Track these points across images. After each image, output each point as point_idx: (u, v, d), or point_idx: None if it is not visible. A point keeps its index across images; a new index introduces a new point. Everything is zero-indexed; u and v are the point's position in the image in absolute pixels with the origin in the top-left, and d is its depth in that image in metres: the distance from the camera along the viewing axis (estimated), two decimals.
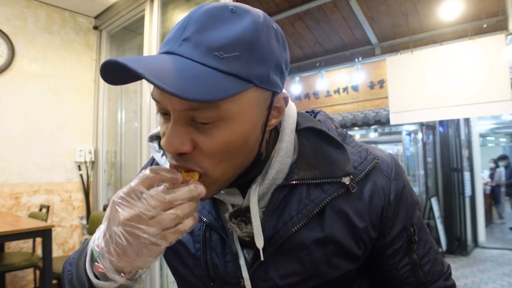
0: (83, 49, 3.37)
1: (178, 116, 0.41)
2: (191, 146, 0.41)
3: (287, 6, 4.35)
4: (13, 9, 2.95)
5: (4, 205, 2.82)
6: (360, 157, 0.54)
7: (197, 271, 0.55)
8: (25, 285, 2.90)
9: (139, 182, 0.39)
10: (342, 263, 0.52)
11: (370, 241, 0.54)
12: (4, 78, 2.87)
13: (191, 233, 0.55)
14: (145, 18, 2.82)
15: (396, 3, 4.11)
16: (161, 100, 0.42)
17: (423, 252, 0.58)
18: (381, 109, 5.03)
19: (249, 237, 0.51)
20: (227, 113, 0.40)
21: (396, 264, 0.56)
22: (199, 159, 0.42)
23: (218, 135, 0.41)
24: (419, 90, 4.12)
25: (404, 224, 0.55)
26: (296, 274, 0.51)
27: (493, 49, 3.67)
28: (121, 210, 0.38)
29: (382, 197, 0.53)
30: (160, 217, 0.37)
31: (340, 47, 5.32)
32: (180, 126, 0.41)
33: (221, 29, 0.40)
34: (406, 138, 4.85)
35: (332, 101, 5.80)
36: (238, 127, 0.42)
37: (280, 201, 0.50)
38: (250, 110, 0.43)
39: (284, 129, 0.52)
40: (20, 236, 2.14)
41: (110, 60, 0.37)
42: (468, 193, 4.82)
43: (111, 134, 3.41)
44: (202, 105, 0.39)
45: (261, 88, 0.43)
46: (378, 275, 0.60)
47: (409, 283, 0.57)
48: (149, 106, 2.70)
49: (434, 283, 0.58)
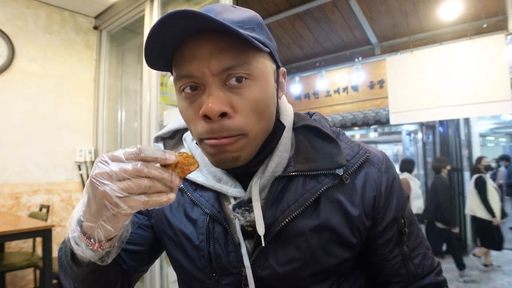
0: (83, 49, 3.37)
1: (214, 81, 0.46)
2: (229, 107, 0.46)
3: (287, 6, 4.35)
4: (13, 9, 2.95)
5: (4, 205, 2.82)
6: (353, 151, 0.58)
7: (200, 262, 0.57)
8: (25, 285, 2.90)
9: (124, 152, 0.41)
10: (339, 251, 0.55)
11: (365, 230, 0.57)
12: (4, 78, 2.87)
13: (195, 225, 0.58)
14: (145, 18, 2.82)
15: (396, 3, 4.11)
16: (197, 70, 0.46)
17: (413, 245, 0.60)
18: (381, 109, 5.03)
19: (251, 226, 0.54)
20: (255, 72, 0.48)
21: (387, 254, 0.59)
22: (237, 121, 0.47)
23: (251, 94, 0.48)
24: (419, 90, 4.11)
25: (395, 215, 0.58)
26: (294, 260, 0.53)
27: (493, 49, 3.67)
28: (97, 167, 0.40)
29: (374, 187, 0.57)
30: (128, 181, 0.39)
31: (340, 47, 5.32)
32: (217, 91, 0.46)
33: (234, 13, 0.50)
34: (406, 138, 4.86)
35: (332, 101, 5.79)
36: (264, 86, 0.49)
37: (279, 191, 0.54)
38: (268, 75, 0.51)
39: (282, 132, 0.57)
40: (20, 236, 2.14)
41: (184, 10, 0.42)
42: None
43: (111, 134, 3.41)
44: (237, 62, 0.46)
45: (272, 59, 0.53)
46: (371, 267, 0.62)
47: (400, 274, 0.59)
48: (149, 106, 2.70)
49: (425, 277, 0.60)
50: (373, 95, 5.34)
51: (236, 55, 0.46)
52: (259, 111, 0.49)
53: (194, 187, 0.59)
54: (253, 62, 0.48)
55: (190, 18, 0.42)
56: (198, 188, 0.59)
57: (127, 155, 0.40)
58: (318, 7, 4.33)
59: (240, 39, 0.45)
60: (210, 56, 0.46)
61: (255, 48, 0.47)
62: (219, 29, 0.44)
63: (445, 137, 4.90)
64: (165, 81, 2.91)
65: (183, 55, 0.48)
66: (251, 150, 0.51)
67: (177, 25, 0.43)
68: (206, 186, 0.57)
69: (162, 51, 0.48)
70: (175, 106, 2.93)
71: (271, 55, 0.53)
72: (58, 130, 3.14)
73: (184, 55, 0.47)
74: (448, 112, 3.97)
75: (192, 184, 0.59)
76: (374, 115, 5.01)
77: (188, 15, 0.42)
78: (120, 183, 0.39)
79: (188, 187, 0.60)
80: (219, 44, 0.46)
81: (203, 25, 0.44)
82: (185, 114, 0.51)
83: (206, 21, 0.43)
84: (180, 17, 0.42)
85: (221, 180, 0.56)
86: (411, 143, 5.00)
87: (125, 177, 0.39)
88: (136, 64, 3.54)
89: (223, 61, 0.46)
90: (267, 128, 0.52)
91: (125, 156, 0.40)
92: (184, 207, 0.60)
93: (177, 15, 0.42)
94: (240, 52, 0.47)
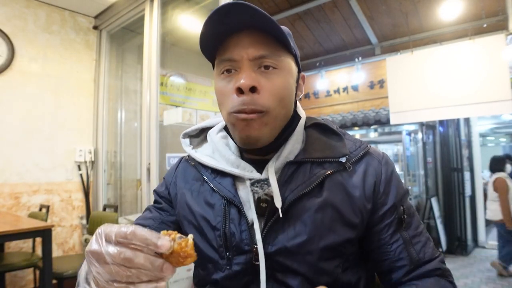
0: (83, 49, 3.37)
1: (249, 64, 0.58)
2: (258, 84, 0.57)
3: (287, 6, 4.35)
4: (13, 9, 2.95)
5: (4, 205, 2.82)
6: (355, 145, 0.67)
7: (216, 242, 0.63)
8: (25, 285, 2.90)
9: (116, 232, 0.38)
10: (341, 229, 0.60)
11: (366, 212, 0.63)
12: (4, 78, 2.87)
13: (213, 209, 0.65)
14: (145, 18, 2.82)
15: (396, 3, 4.11)
16: (237, 54, 0.58)
17: (413, 233, 0.64)
18: (381, 109, 5.03)
19: (266, 202, 0.61)
20: (282, 64, 0.60)
21: (387, 238, 0.63)
22: (262, 98, 0.57)
23: (277, 80, 0.59)
24: (419, 90, 4.11)
25: (394, 202, 0.64)
26: (301, 234, 0.59)
27: (493, 49, 3.67)
28: (92, 243, 0.39)
29: (374, 175, 0.64)
30: (114, 267, 0.37)
31: (340, 47, 5.32)
32: (250, 72, 0.58)
33: None
34: (406, 138, 4.85)
35: (332, 101, 5.79)
36: (286, 78, 0.61)
37: (289, 175, 0.62)
38: (291, 72, 0.62)
39: (296, 124, 0.67)
40: (20, 236, 2.14)
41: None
42: (468, 193, 4.82)
43: (111, 134, 3.41)
44: (269, 53, 0.58)
45: (295, 62, 0.64)
46: (375, 257, 0.65)
47: (402, 258, 0.62)
48: (149, 106, 2.70)
49: (428, 263, 0.62)
50: (373, 95, 5.34)
51: (270, 48, 0.58)
52: (281, 96, 0.59)
53: (214, 175, 0.67)
54: (281, 56, 0.60)
55: (249, 13, 0.54)
56: (217, 176, 0.67)
57: (118, 238, 0.38)
58: (318, 7, 4.33)
59: (274, 38, 0.58)
60: (249, 45, 0.58)
61: (285, 47, 0.60)
62: (268, 26, 0.56)
63: (445, 137, 4.89)
64: (165, 81, 2.91)
65: (229, 44, 0.59)
66: (271, 131, 0.60)
67: (233, 17, 0.55)
68: (225, 172, 0.65)
69: (215, 40, 0.60)
70: (175, 106, 2.93)
71: (296, 59, 0.64)
72: (58, 130, 3.14)
73: (230, 44, 0.59)
74: (448, 112, 3.97)
75: (213, 173, 0.68)
76: (374, 115, 5.01)
77: (249, 10, 0.54)
78: (107, 267, 0.37)
79: (208, 176, 0.68)
80: (258, 38, 0.58)
81: (257, 20, 0.55)
82: (222, 91, 0.61)
83: (262, 17, 0.54)
84: (238, 12, 0.54)
85: (239, 166, 0.65)
86: (411, 143, 4.99)
87: (113, 262, 0.37)
88: (136, 64, 3.54)
89: (258, 50, 0.58)
90: (286, 114, 0.62)
91: (116, 238, 0.38)
92: (204, 194, 0.68)
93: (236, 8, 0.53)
94: (273, 47, 0.59)
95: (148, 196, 2.64)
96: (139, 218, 0.75)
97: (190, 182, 0.71)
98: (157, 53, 2.70)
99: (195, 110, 3.04)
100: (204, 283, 0.67)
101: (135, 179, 3.46)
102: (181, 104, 2.98)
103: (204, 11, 3.01)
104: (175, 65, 3.19)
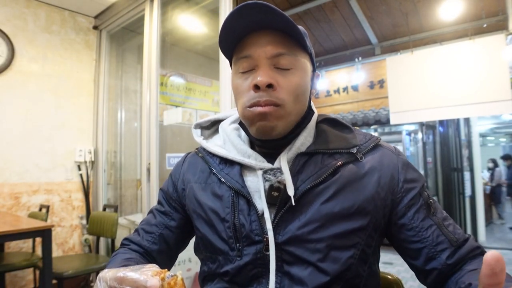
0: (83, 49, 3.37)
1: (266, 62, 0.59)
2: (275, 82, 0.58)
3: (287, 6, 4.34)
4: (13, 9, 2.95)
5: (4, 205, 2.82)
6: (365, 137, 0.68)
7: (225, 234, 0.63)
8: (25, 285, 2.90)
9: (116, 276, 0.44)
10: (353, 217, 0.60)
11: (380, 201, 0.62)
12: (4, 78, 2.87)
13: (221, 200, 0.65)
14: (145, 18, 2.82)
15: (396, 3, 4.11)
16: (255, 52, 0.60)
17: (442, 216, 0.64)
18: (381, 109, 5.03)
19: (277, 191, 0.61)
20: (298, 64, 0.62)
21: (421, 225, 0.62)
22: (279, 93, 0.59)
23: (293, 78, 0.60)
24: (419, 90, 4.11)
25: (418, 189, 0.64)
26: (311, 222, 0.59)
27: (493, 49, 3.67)
28: (97, 284, 0.46)
29: (390, 165, 0.65)
30: None
31: (340, 47, 5.31)
32: (267, 70, 0.59)
33: None
34: (406, 138, 4.85)
35: (332, 101, 5.79)
36: (302, 76, 0.62)
37: (301, 165, 0.63)
38: (307, 70, 0.64)
39: (309, 120, 0.69)
40: (20, 236, 2.14)
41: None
42: (468, 193, 4.82)
43: (111, 134, 3.41)
44: (286, 52, 0.60)
45: (311, 61, 0.66)
46: (412, 247, 0.62)
47: (441, 242, 0.60)
48: (148, 106, 2.70)
49: (466, 242, 0.61)
50: (373, 95, 5.34)
51: (287, 47, 0.60)
52: (296, 94, 0.61)
53: (222, 166, 0.68)
54: (297, 56, 0.62)
55: (268, 12, 0.56)
56: (225, 166, 0.68)
57: (111, 282, 0.44)
58: (318, 7, 4.32)
59: (291, 37, 0.60)
60: (267, 43, 0.59)
61: (302, 47, 0.62)
62: (285, 26, 0.58)
63: (445, 137, 4.89)
64: (165, 81, 2.91)
65: (247, 42, 0.61)
66: (286, 124, 0.61)
67: (253, 16, 0.57)
68: (234, 162, 0.66)
69: (234, 38, 0.61)
70: (174, 106, 2.93)
71: (311, 58, 0.66)
72: (58, 130, 3.14)
73: (248, 42, 0.61)
74: (448, 112, 3.97)
75: (220, 164, 0.68)
76: (374, 115, 5.01)
77: (267, 9, 0.55)
78: None
79: (216, 167, 0.68)
80: (275, 37, 0.60)
81: (275, 20, 0.57)
82: (239, 87, 0.62)
83: (280, 17, 0.56)
84: (257, 11, 0.56)
85: (251, 156, 0.65)
86: (411, 143, 4.99)
87: None
88: (136, 64, 3.54)
89: (276, 48, 0.59)
90: (300, 110, 0.64)
91: (109, 283, 0.44)
92: (211, 186, 0.68)
93: (255, 7, 0.55)
94: (290, 46, 0.61)
95: (148, 196, 2.64)
96: (144, 223, 0.78)
97: (198, 173, 0.72)
98: (157, 53, 2.70)
99: (195, 110, 3.04)
100: (212, 278, 0.67)
101: (135, 179, 3.46)
102: (181, 104, 2.98)
103: (204, 11, 3.01)
104: (175, 65, 3.19)
